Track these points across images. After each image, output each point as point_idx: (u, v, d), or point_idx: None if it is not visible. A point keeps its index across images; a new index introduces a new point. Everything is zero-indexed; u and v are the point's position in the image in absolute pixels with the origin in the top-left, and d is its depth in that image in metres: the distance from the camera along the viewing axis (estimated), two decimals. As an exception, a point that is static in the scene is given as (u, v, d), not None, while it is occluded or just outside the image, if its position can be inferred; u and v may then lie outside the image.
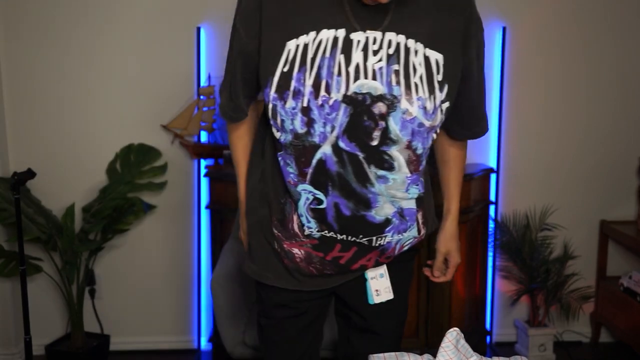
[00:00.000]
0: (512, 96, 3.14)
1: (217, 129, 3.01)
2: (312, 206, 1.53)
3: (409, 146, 1.46)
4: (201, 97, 2.95)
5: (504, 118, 3.14)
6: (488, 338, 3.24)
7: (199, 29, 2.97)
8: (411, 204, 1.55)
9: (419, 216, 1.60)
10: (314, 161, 1.48)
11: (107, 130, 3.05)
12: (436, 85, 1.45)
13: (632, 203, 3.25)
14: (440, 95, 1.45)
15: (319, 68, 1.42)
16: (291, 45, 1.43)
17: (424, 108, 1.43)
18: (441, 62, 1.45)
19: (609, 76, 3.16)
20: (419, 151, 1.49)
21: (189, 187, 3.10)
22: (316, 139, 1.46)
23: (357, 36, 1.42)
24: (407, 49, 1.43)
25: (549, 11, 3.11)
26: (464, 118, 1.62)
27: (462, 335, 1.54)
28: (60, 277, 2.90)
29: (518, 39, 3.10)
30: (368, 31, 1.42)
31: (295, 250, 1.59)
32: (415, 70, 1.43)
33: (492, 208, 3.14)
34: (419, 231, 1.62)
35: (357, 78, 1.41)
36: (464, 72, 1.51)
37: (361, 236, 1.55)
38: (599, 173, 3.23)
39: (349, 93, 1.42)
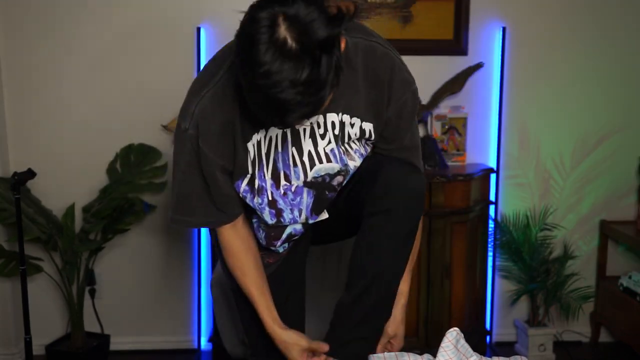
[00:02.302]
0: (512, 96, 3.14)
1: (217, 129, 3.01)
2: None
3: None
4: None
5: (504, 118, 3.14)
6: (488, 338, 3.24)
7: (199, 29, 2.97)
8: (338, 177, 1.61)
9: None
10: (284, 235, 1.60)
11: (108, 130, 3.05)
12: (365, 145, 1.57)
13: (632, 203, 3.25)
14: (365, 154, 1.58)
15: (275, 162, 1.47)
16: (250, 146, 1.46)
17: (362, 154, 1.56)
18: (372, 130, 1.52)
19: (609, 76, 3.16)
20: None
21: (189, 187, 3.10)
22: (287, 224, 1.57)
23: (303, 124, 1.43)
24: (342, 124, 1.48)
25: (549, 11, 3.11)
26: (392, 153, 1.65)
27: (462, 335, 1.55)
28: (61, 277, 2.90)
29: (518, 39, 3.10)
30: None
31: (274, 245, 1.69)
32: (350, 137, 1.50)
33: (492, 208, 3.14)
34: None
35: (312, 165, 1.48)
36: (384, 133, 1.56)
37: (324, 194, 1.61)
38: (599, 173, 3.23)
39: (309, 179, 1.49)
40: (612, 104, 3.19)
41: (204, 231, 3.09)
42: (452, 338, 1.53)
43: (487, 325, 3.23)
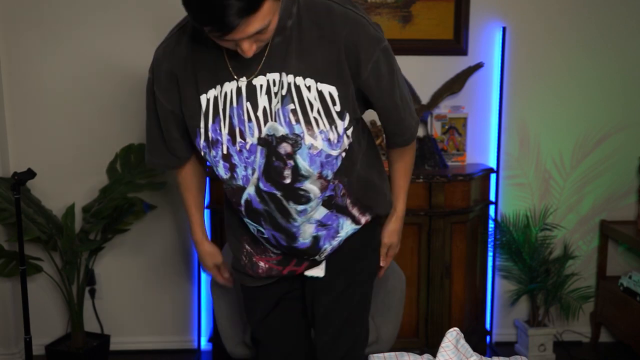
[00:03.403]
0: (512, 96, 3.14)
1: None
2: (259, 235, 1.68)
3: (320, 176, 1.54)
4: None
5: (504, 118, 3.14)
6: (488, 338, 3.24)
7: (199, 29, 2.97)
8: (321, 212, 1.61)
9: (354, 211, 1.66)
10: (242, 201, 1.60)
11: (107, 130, 3.05)
12: (335, 116, 1.48)
13: (632, 203, 3.25)
14: (342, 124, 1.49)
15: (230, 117, 1.49)
16: (203, 100, 1.51)
17: (328, 140, 1.48)
18: (335, 94, 1.47)
19: (609, 76, 3.16)
20: (330, 177, 1.56)
21: (189, 187, 3.10)
22: (240, 182, 1.56)
23: (259, 81, 1.47)
24: (297, 87, 1.45)
25: (549, 11, 3.11)
26: (386, 129, 1.68)
27: (462, 335, 1.55)
28: (61, 277, 2.91)
29: (518, 39, 3.10)
30: (268, 74, 1.46)
31: (261, 264, 1.74)
32: (311, 105, 1.46)
33: (492, 208, 3.14)
34: (356, 221, 1.68)
35: (266, 121, 1.47)
36: (366, 93, 1.54)
37: (306, 257, 1.68)
38: (599, 173, 3.23)
39: (262, 136, 1.48)
40: (612, 104, 3.19)
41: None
42: (452, 338, 1.53)
43: (487, 325, 3.23)
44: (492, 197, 3.13)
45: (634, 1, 3.12)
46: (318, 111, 1.46)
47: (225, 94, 1.49)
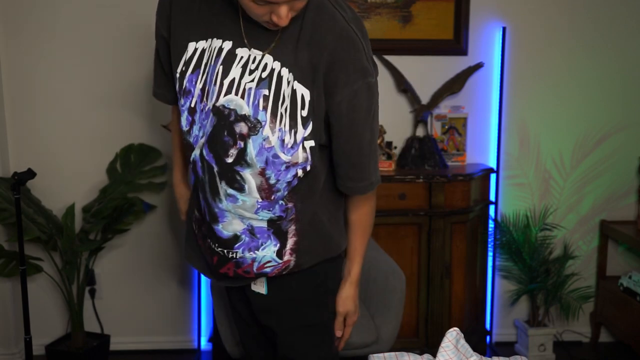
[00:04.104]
0: (512, 96, 3.15)
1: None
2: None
3: (262, 173, 1.46)
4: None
5: (504, 118, 3.14)
6: (488, 338, 3.24)
7: (199, 29, 2.97)
8: (262, 224, 1.53)
9: (289, 242, 1.56)
10: (191, 159, 1.56)
11: (107, 130, 3.05)
12: (299, 120, 1.42)
13: (632, 203, 3.25)
14: (302, 132, 1.43)
15: (207, 74, 1.46)
16: (191, 47, 1.48)
17: (282, 140, 1.42)
18: (307, 98, 1.42)
19: (609, 76, 3.17)
20: (272, 181, 1.47)
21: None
22: (192, 140, 1.52)
23: (242, 52, 1.44)
24: (279, 77, 1.41)
25: (549, 11, 3.11)
26: (340, 168, 1.54)
27: (462, 335, 1.55)
28: (61, 277, 2.90)
29: (518, 39, 3.10)
30: (253, 49, 1.43)
31: (201, 243, 1.68)
32: (283, 100, 1.42)
33: (492, 208, 3.14)
34: (280, 255, 1.56)
35: (228, 92, 1.43)
36: (332, 120, 1.45)
37: (216, 245, 1.59)
38: (599, 173, 3.23)
39: (218, 104, 1.44)
40: (612, 104, 3.19)
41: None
42: (452, 338, 1.53)
43: (487, 325, 3.23)
44: (492, 197, 3.13)
45: (634, 1, 3.12)
46: (286, 108, 1.41)
47: (211, 50, 1.46)
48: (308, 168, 1.48)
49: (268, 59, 1.42)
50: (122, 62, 3.02)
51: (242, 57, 1.43)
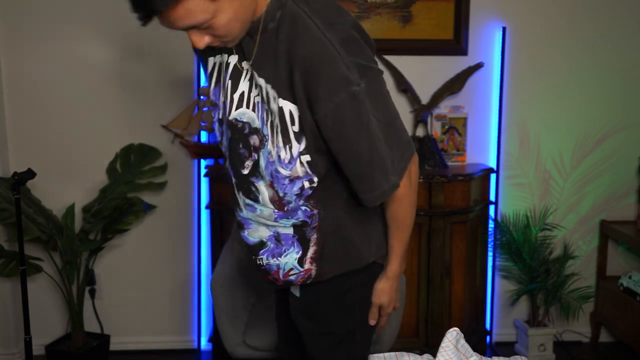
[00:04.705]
0: (512, 96, 3.14)
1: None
2: None
3: (272, 185, 1.47)
4: (201, 97, 2.95)
5: (504, 118, 3.14)
6: (488, 338, 3.24)
7: (199, 29, 2.97)
8: (288, 230, 1.53)
9: (310, 251, 1.53)
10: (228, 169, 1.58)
11: (107, 130, 3.05)
12: (292, 135, 1.40)
13: (632, 203, 3.25)
14: (297, 147, 1.41)
15: (223, 88, 1.48)
16: (210, 62, 1.52)
17: (279, 156, 1.42)
18: (296, 114, 1.38)
19: (609, 76, 3.17)
20: (281, 194, 1.47)
21: (189, 187, 3.10)
22: (224, 150, 1.56)
23: (247, 66, 1.44)
24: (267, 93, 1.40)
25: (549, 11, 3.11)
26: (348, 181, 1.47)
27: (462, 335, 1.55)
28: (61, 277, 2.90)
29: (518, 39, 3.10)
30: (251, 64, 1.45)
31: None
32: (274, 116, 1.41)
33: (492, 208, 3.14)
34: (301, 263, 1.54)
35: (239, 106, 1.44)
36: (323, 134, 1.39)
37: (247, 250, 1.63)
38: (599, 173, 3.23)
39: (231, 118, 1.46)
40: (612, 104, 3.19)
41: (204, 231, 3.09)
42: (452, 338, 1.53)
43: (487, 325, 3.23)
44: (492, 197, 3.13)
45: (634, 1, 3.12)
46: (277, 125, 1.40)
47: (223, 63, 1.48)
48: (315, 179, 1.46)
49: (256, 77, 1.42)
50: (121, 62, 3.01)
51: (247, 71, 1.44)
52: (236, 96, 1.45)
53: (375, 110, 1.40)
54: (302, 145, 1.41)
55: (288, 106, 1.38)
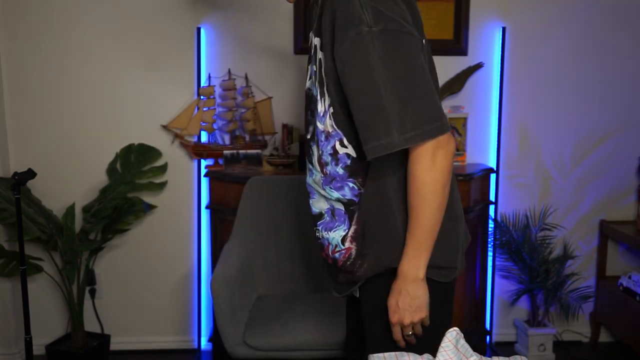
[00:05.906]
0: (512, 96, 3.14)
1: (217, 129, 3.01)
2: None
3: (317, 144, 1.56)
4: (201, 97, 2.95)
5: (504, 118, 3.14)
6: (488, 338, 3.24)
7: (199, 29, 2.97)
8: (339, 206, 1.55)
9: (352, 230, 1.52)
10: None
11: (107, 130, 3.05)
12: (325, 87, 1.45)
13: (632, 203, 3.25)
14: (329, 99, 1.46)
15: None
16: (310, 39, 1.58)
17: (318, 110, 1.51)
18: (319, 46, 1.48)
19: (609, 76, 3.17)
20: (320, 152, 1.55)
21: (189, 187, 3.10)
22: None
23: (312, 35, 1.54)
24: (315, 47, 1.50)
25: (549, 11, 3.11)
26: (357, 130, 1.42)
27: (462, 335, 1.54)
28: (61, 277, 2.91)
29: (518, 39, 3.10)
30: (310, 33, 1.55)
31: None
32: (319, 69, 1.49)
33: (492, 208, 3.14)
34: (344, 241, 1.54)
35: (310, 78, 1.56)
36: (339, 77, 1.40)
37: (313, 221, 1.66)
38: (599, 173, 3.23)
39: (305, 88, 1.59)
40: (612, 104, 3.19)
41: (204, 231, 3.09)
42: (452, 338, 1.53)
43: (487, 325, 3.23)
44: (492, 197, 3.13)
45: (633, 1, 3.12)
46: (318, 79, 1.49)
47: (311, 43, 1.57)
48: (345, 140, 1.47)
49: (311, 36, 1.52)
50: (122, 62, 3.02)
51: (315, 45, 1.51)
52: (309, 68, 1.54)
53: (392, 63, 1.34)
54: (327, 95, 1.47)
55: (316, 41, 1.49)
